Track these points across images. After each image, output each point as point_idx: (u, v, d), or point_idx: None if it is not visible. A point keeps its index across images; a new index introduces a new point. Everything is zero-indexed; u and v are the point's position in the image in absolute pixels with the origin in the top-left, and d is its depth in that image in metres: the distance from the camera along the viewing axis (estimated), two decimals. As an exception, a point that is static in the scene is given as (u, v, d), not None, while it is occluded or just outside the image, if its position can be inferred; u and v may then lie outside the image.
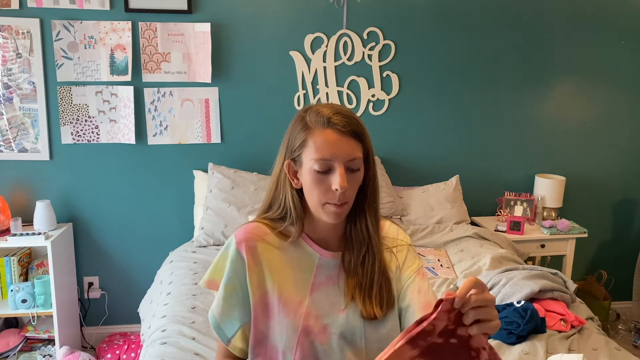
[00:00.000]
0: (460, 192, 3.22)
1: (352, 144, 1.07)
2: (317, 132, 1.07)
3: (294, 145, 1.10)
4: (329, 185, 1.07)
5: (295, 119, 1.14)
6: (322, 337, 1.11)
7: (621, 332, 3.36)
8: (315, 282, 1.14)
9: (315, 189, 1.08)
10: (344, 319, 1.12)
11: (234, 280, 1.14)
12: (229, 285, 1.15)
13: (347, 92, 3.13)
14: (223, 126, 3.06)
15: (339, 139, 1.06)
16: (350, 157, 1.07)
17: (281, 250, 1.15)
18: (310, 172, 1.08)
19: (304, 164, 1.09)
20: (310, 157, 1.07)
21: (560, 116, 3.36)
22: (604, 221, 3.57)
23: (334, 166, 1.06)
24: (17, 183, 2.95)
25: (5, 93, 2.84)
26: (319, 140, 1.06)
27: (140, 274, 3.10)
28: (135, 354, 2.89)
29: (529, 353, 1.91)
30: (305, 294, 1.13)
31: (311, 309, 1.12)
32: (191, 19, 2.91)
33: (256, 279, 1.13)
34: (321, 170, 1.07)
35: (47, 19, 2.81)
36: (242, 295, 1.14)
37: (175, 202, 3.09)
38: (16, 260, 2.79)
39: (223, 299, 1.15)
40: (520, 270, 2.39)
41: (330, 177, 1.07)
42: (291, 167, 1.12)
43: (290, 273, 1.14)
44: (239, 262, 1.13)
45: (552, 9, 3.21)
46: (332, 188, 1.06)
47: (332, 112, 1.08)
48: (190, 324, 2.08)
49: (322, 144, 1.06)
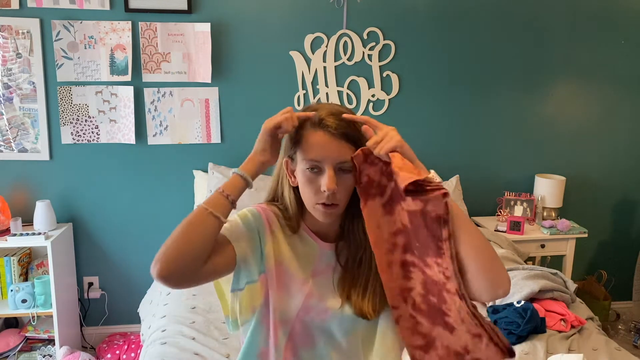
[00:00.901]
0: (460, 192, 3.22)
1: (343, 147, 1.07)
2: (310, 132, 1.08)
3: (290, 144, 1.13)
4: (319, 185, 1.08)
5: None
6: (320, 317, 1.14)
7: (621, 332, 3.36)
8: (316, 268, 1.17)
9: (306, 189, 1.10)
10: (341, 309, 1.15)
11: (252, 228, 1.12)
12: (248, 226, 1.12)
13: (347, 92, 3.12)
14: (223, 126, 3.06)
15: (329, 141, 1.07)
16: (339, 160, 1.07)
17: (289, 236, 1.17)
18: (302, 172, 1.10)
19: (298, 162, 1.11)
20: (302, 156, 1.09)
21: (560, 116, 3.36)
22: (604, 221, 3.57)
23: (322, 167, 1.08)
24: (17, 183, 2.95)
25: (5, 93, 2.84)
26: (309, 140, 1.08)
27: (140, 274, 3.10)
28: (135, 354, 2.89)
29: (529, 353, 1.91)
30: (308, 277, 1.16)
31: (314, 290, 1.15)
32: (191, 19, 2.91)
33: (271, 244, 1.14)
34: (312, 170, 1.08)
35: (47, 19, 2.81)
36: (255, 243, 1.12)
37: (175, 202, 3.09)
38: (16, 260, 2.79)
39: (243, 226, 1.12)
40: (520, 270, 2.40)
41: (321, 178, 1.08)
42: (289, 165, 1.15)
43: (294, 255, 1.16)
44: (260, 221, 1.14)
45: (552, 9, 3.21)
46: (321, 189, 1.08)
47: (326, 113, 1.08)
48: (190, 324, 2.08)
49: (312, 145, 1.07)
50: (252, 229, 1.13)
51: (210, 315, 2.16)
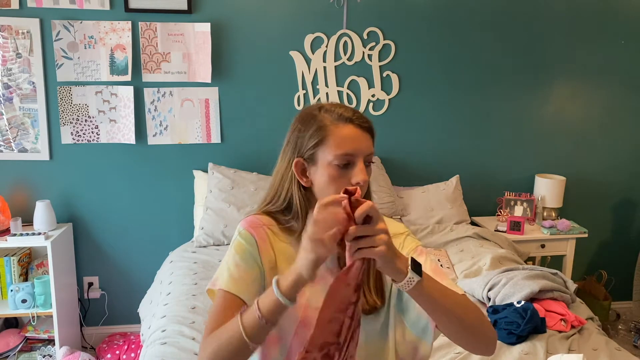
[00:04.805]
0: (460, 192, 3.22)
1: (369, 139, 1.13)
2: (339, 127, 1.11)
3: (307, 144, 1.13)
4: (348, 180, 1.10)
5: (302, 118, 1.16)
6: None
7: (621, 332, 3.36)
8: None
9: (332, 185, 1.10)
10: None
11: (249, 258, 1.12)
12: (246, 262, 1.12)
13: (347, 92, 3.12)
14: (223, 126, 3.06)
15: (360, 133, 1.11)
16: (368, 152, 1.12)
17: (285, 242, 1.17)
18: (329, 168, 1.10)
19: (320, 161, 1.11)
20: (330, 153, 1.10)
21: (560, 116, 3.37)
22: (604, 221, 3.57)
23: (354, 161, 1.10)
24: (17, 183, 2.95)
25: (5, 93, 2.84)
26: (341, 135, 1.10)
27: (140, 274, 3.10)
28: (135, 354, 2.89)
29: (529, 353, 1.91)
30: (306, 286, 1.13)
31: (311, 301, 1.13)
32: (191, 19, 2.91)
33: (268, 258, 1.14)
34: (342, 164, 1.10)
35: (47, 19, 2.81)
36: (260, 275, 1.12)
37: (175, 202, 3.09)
38: (16, 260, 2.79)
39: (245, 272, 1.11)
40: (520, 270, 2.39)
41: (349, 172, 1.10)
42: (300, 166, 1.14)
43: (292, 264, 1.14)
44: (251, 241, 1.14)
45: (552, 9, 3.21)
46: (353, 182, 1.10)
47: (348, 109, 1.14)
48: (190, 324, 2.08)
49: (344, 138, 1.10)
50: (252, 264, 1.12)
51: (210, 315, 2.16)
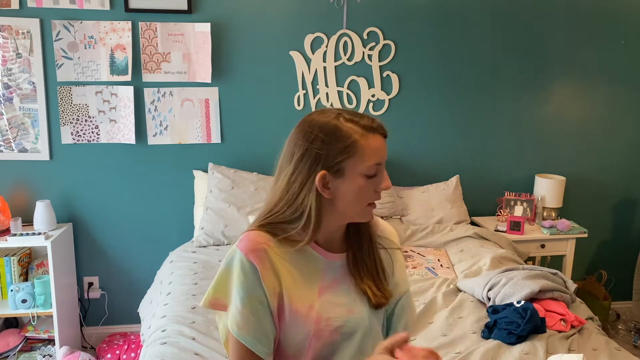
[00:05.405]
0: (460, 192, 3.22)
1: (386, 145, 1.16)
2: (368, 139, 1.10)
3: (336, 157, 1.08)
4: (374, 188, 1.12)
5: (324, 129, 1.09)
6: (332, 339, 1.13)
7: (621, 332, 3.36)
8: (322, 285, 1.15)
9: (361, 195, 1.11)
10: (354, 319, 1.15)
11: (253, 292, 1.08)
12: (250, 299, 1.08)
13: (347, 92, 3.12)
14: (223, 126, 3.06)
15: (384, 142, 1.14)
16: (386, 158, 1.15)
17: (286, 256, 1.12)
18: (359, 179, 1.10)
19: (348, 172, 1.09)
20: (362, 164, 1.09)
21: (560, 116, 3.37)
22: (604, 221, 3.57)
23: (380, 169, 1.13)
24: (17, 183, 2.95)
25: (5, 93, 2.84)
26: (372, 146, 1.11)
27: (140, 274, 3.10)
28: (135, 354, 2.89)
29: (529, 353, 1.91)
30: (314, 298, 1.13)
31: (321, 313, 1.12)
32: (191, 19, 2.91)
33: (271, 285, 1.09)
34: (372, 175, 1.11)
35: (47, 19, 2.81)
36: (266, 305, 1.09)
37: (175, 202, 3.09)
38: (16, 260, 2.79)
39: (251, 314, 1.08)
40: (520, 270, 2.39)
41: (374, 180, 1.12)
42: (324, 178, 1.09)
43: (297, 279, 1.13)
44: (252, 271, 1.08)
45: (552, 9, 3.21)
46: (381, 188, 1.12)
47: (369, 118, 1.13)
48: (190, 324, 2.08)
49: (375, 149, 1.11)
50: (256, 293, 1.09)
51: (210, 315, 2.16)
